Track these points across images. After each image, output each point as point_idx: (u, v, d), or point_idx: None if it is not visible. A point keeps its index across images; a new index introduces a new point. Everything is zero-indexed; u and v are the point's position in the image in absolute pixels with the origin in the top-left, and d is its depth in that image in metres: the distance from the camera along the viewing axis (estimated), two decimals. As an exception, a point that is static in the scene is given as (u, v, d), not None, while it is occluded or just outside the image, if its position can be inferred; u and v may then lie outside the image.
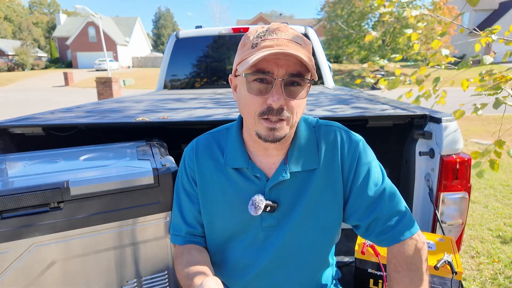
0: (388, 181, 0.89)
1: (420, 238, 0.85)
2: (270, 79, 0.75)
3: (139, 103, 2.22)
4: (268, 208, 0.86)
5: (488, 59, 1.75)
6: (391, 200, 0.86)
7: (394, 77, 2.41)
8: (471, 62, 1.95)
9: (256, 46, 0.75)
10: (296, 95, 0.77)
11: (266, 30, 0.77)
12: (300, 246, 0.91)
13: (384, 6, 2.43)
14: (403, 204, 0.87)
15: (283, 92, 0.75)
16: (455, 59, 2.34)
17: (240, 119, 0.93)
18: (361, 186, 0.87)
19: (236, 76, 0.84)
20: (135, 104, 2.17)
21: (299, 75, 0.76)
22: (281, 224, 0.89)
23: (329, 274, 1.02)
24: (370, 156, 0.89)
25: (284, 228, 0.89)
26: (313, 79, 0.79)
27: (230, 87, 0.90)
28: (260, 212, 0.84)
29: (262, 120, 0.78)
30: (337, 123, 0.94)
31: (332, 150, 0.88)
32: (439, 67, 2.27)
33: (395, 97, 2.50)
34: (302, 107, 0.81)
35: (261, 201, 0.84)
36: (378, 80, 2.67)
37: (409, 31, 2.42)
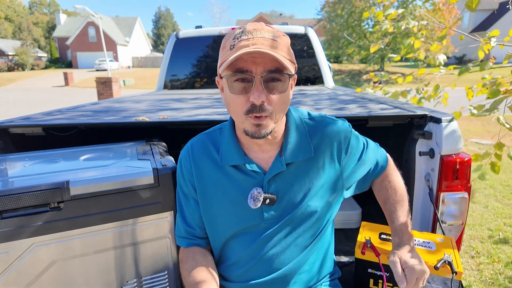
0: (370, 144, 1.04)
1: (390, 161, 1.08)
2: (250, 77, 0.78)
3: (139, 103, 2.22)
4: (268, 201, 0.89)
5: (488, 65, 1.77)
6: (378, 160, 1.04)
7: (395, 90, 2.43)
8: (471, 67, 1.96)
9: (233, 47, 0.78)
10: (277, 90, 0.80)
11: (242, 32, 0.79)
12: (301, 235, 0.93)
13: (386, 18, 2.44)
14: (380, 150, 1.07)
15: (263, 89, 0.78)
16: (454, 65, 2.36)
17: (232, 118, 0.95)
18: (359, 163, 0.98)
19: (221, 78, 0.86)
20: (135, 104, 2.17)
21: (277, 71, 0.78)
22: (282, 215, 0.92)
23: (329, 270, 1.04)
24: (358, 139, 1.00)
25: (285, 219, 0.92)
26: (290, 74, 0.81)
27: (218, 86, 0.92)
28: (259, 204, 0.87)
29: (248, 118, 0.80)
30: (323, 114, 1.00)
31: (323, 138, 0.93)
32: (438, 73, 2.28)
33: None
34: (286, 101, 0.84)
35: (259, 193, 0.88)
36: (380, 89, 2.69)
37: (406, 47, 2.45)
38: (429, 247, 1.16)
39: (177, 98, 2.49)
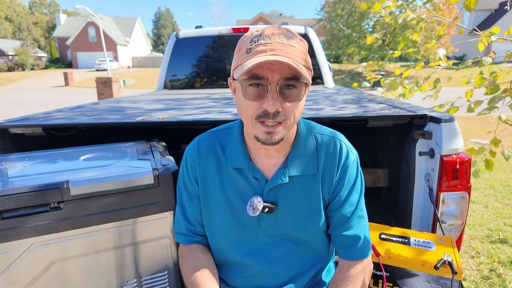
0: (362, 204, 0.94)
1: (369, 264, 0.94)
2: (265, 84, 0.76)
3: (139, 103, 2.22)
4: (266, 209, 0.88)
5: (487, 60, 1.76)
6: (359, 223, 0.93)
7: (392, 79, 2.44)
8: (471, 63, 1.96)
9: (250, 51, 0.76)
10: (292, 98, 0.78)
11: (260, 35, 0.77)
12: (297, 245, 0.94)
13: (384, 9, 2.45)
14: (367, 229, 0.95)
15: (278, 97, 0.76)
16: (454, 61, 2.35)
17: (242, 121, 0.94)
18: (340, 202, 0.92)
19: (233, 79, 0.84)
20: (135, 104, 2.17)
21: (293, 79, 0.76)
22: (279, 223, 0.91)
23: (328, 273, 1.04)
24: (357, 176, 0.94)
25: (282, 228, 0.92)
26: (306, 82, 0.78)
27: (230, 87, 0.91)
28: (258, 213, 0.87)
29: (259, 124, 0.79)
30: (339, 133, 0.95)
31: (331, 160, 0.91)
32: (438, 67, 2.28)
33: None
34: (299, 109, 0.82)
35: (259, 203, 0.87)
36: (378, 81, 2.69)
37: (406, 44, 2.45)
38: (429, 247, 1.16)
39: (177, 98, 2.49)
